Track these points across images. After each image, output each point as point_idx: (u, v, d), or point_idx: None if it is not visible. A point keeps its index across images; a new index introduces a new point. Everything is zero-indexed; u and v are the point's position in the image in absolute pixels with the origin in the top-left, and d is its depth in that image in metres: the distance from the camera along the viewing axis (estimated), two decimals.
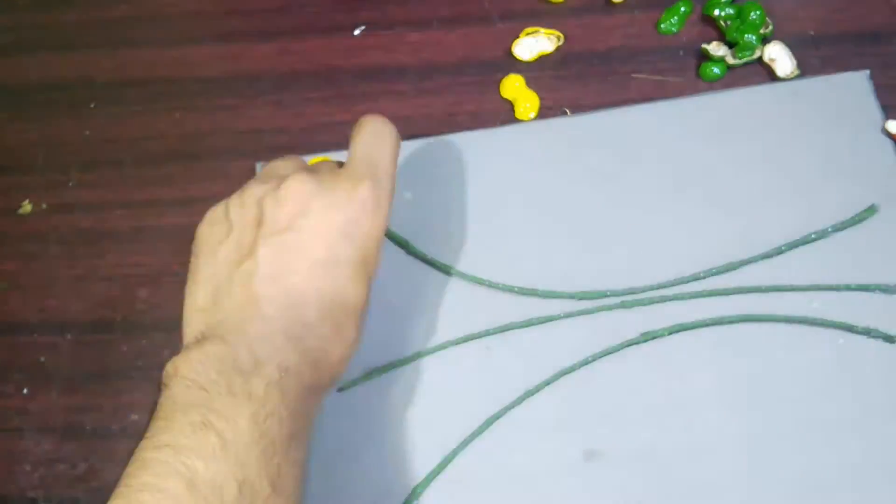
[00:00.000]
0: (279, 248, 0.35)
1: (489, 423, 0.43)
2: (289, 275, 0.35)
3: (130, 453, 0.45)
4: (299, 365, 0.34)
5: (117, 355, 0.48)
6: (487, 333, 0.45)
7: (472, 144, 0.50)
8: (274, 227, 0.35)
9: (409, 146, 0.50)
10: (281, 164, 0.39)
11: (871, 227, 0.45)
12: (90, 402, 0.47)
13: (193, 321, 0.36)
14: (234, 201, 0.37)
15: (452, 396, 0.44)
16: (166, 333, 0.48)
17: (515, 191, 0.48)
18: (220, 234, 0.37)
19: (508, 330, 0.45)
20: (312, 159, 0.50)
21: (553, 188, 0.48)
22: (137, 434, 0.45)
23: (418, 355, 0.45)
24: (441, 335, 0.45)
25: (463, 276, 0.47)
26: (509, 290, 0.46)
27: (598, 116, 0.50)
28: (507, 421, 0.43)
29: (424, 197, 0.49)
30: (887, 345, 0.43)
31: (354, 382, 0.45)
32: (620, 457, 0.42)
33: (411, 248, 0.47)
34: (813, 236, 0.45)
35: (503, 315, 0.45)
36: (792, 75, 0.49)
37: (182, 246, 0.49)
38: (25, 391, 0.47)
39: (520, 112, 0.50)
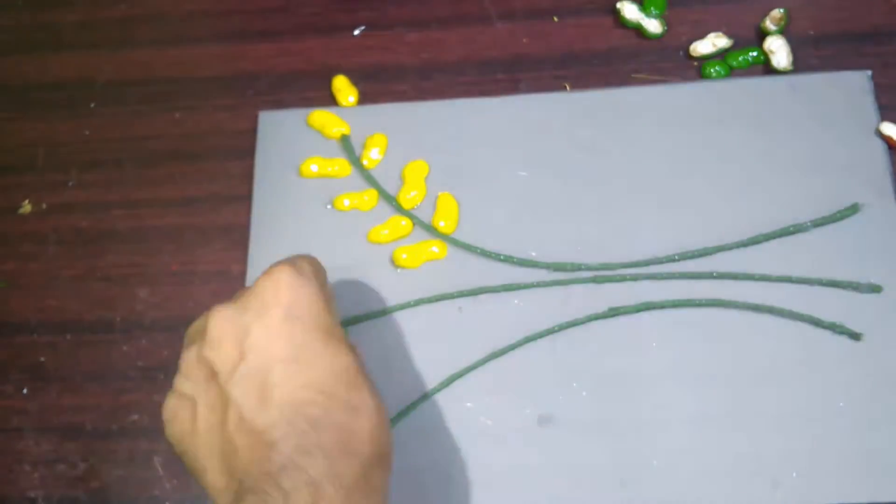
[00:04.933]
0: (246, 378, 0.34)
1: (452, 379, 0.44)
2: (272, 393, 0.33)
3: (130, 453, 0.45)
4: (330, 465, 0.32)
5: (117, 355, 0.48)
6: (461, 294, 0.46)
7: (460, 112, 0.50)
8: (228, 366, 0.34)
9: (400, 109, 0.51)
10: (196, 323, 0.37)
11: (851, 225, 0.45)
12: (90, 402, 0.47)
13: (222, 501, 0.34)
14: (178, 382, 0.36)
15: (420, 351, 0.45)
16: (166, 333, 0.48)
17: (503, 160, 0.49)
18: (187, 416, 0.35)
19: (481, 293, 0.46)
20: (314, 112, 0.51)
21: (542, 160, 0.49)
22: (137, 434, 0.46)
23: (392, 309, 0.46)
24: (415, 292, 0.46)
25: (443, 237, 0.47)
26: (486, 255, 0.47)
27: (594, 95, 0.50)
28: (471, 379, 0.44)
29: (411, 159, 0.49)
30: (852, 342, 0.43)
31: None
32: (574, 424, 0.43)
33: (395, 205, 0.48)
34: (791, 229, 0.45)
35: (478, 278, 0.46)
36: (785, 71, 0.49)
37: (181, 245, 0.50)
38: (25, 391, 0.48)
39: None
